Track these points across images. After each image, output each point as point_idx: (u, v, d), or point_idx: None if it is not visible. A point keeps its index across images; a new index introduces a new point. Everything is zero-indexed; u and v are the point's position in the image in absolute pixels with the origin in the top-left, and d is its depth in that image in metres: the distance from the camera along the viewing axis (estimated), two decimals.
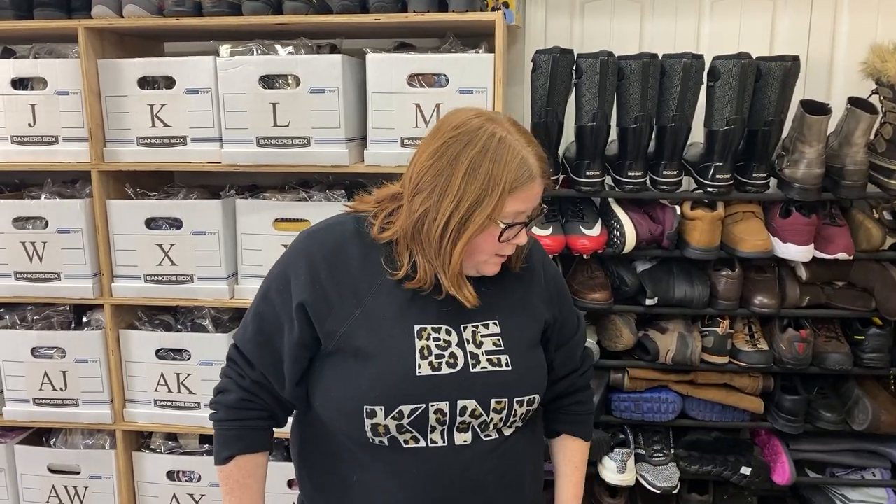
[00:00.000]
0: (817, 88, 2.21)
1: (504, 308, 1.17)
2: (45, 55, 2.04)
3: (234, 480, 1.19)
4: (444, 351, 1.11)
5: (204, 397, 2.07)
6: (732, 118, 1.86)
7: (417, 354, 1.09)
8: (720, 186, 1.94)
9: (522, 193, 1.07)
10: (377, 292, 1.12)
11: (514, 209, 1.08)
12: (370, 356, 1.09)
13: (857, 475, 2.12)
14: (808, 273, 2.02)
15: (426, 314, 1.12)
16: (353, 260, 1.13)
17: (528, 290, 1.22)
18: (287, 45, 1.96)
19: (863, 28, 2.17)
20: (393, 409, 1.08)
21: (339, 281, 1.12)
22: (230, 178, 2.20)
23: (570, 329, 1.28)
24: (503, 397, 1.12)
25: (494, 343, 1.14)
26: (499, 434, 1.15)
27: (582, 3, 2.27)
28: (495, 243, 1.10)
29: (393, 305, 1.12)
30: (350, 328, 1.11)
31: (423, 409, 1.08)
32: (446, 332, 1.12)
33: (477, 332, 1.14)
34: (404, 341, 1.10)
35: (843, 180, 1.89)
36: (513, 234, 1.11)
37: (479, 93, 1.85)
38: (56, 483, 2.20)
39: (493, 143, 1.06)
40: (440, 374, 1.09)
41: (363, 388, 1.09)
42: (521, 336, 1.17)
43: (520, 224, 1.11)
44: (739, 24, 2.22)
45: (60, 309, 2.16)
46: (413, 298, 1.13)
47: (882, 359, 1.99)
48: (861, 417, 2.00)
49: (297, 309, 1.11)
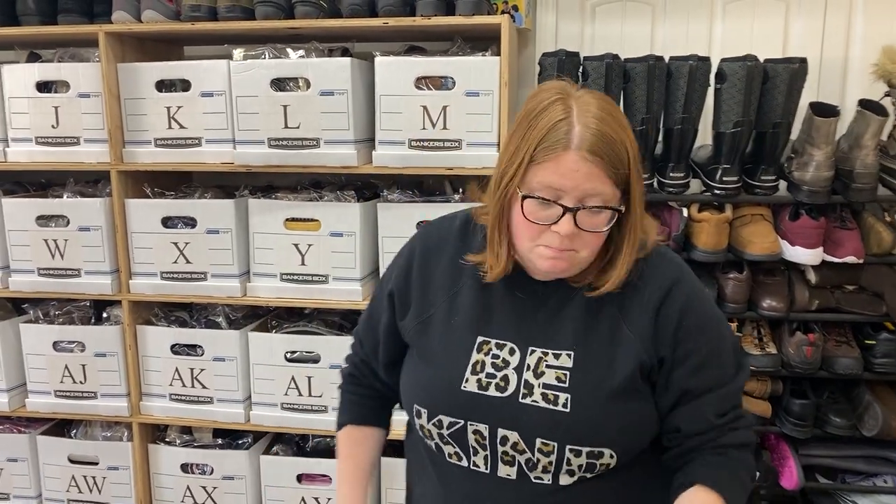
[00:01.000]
0: (831, 90, 2.19)
1: (589, 340, 1.03)
2: (69, 59, 2.11)
3: (343, 448, 1.24)
4: (497, 371, 1.04)
5: (217, 392, 2.12)
6: (739, 120, 1.85)
7: (469, 368, 1.04)
8: (728, 188, 1.93)
9: (551, 163, 0.95)
10: (458, 293, 1.10)
11: (542, 180, 0.96)
12: (430, 357, 1.09)
13: (868, 482, 2.09)
14: (817, 276, 2.00)
15: (496, 327, 1.07)
16: (444, 258, 1.12)
17: (628, 321, 1.04)
18: (298, 48, 2.00)
19: (878, 30, 2.14)
20: (434, 416, 1.05)
21: (426, 279, 1.12)
22: (246, 178, 2.25)
23: (701, 379, 1.04)
24: (551, 440, 1.00)
25: (558, 378, 1.02)
26: (553, 481, 1.02)
27: (593, 6, 2.28)
28: (529, 224, 0.99)
29: (469, 311, 1.08)
30: (421, 326, 1.11)
31: (461, 425, 1.03)
32: (510, 350, 1.05)
33: (543, 361, 1.03)
34: (462, 351, 1.06)
35: (853, 183, 1.87)
36: (543, 212, 0.97)
37: (485, 95, 1.87)
38: (76, 473, 2.27)
39: (539, 108, 0.97)
40: (485, 395, 1.03)
41: (416, 386, 1.10)
42: (598, 379, 1.02)
43: (548, 201, 0.96)
44: (752, 26, 2.21)
45: (81, 304, 2.23)
46: (491, 306, 1.08)
47: (893, 364, 1.96)
48: (871, 423, 1.97)
49: (388, 296, 1.16)
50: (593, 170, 0.95)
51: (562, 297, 1.06)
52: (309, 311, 2.24)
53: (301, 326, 2.16)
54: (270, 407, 2.11)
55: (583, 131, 0.95)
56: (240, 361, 2.10)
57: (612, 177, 0.96)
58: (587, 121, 0.95)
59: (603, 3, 2.27)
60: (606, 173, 0.96)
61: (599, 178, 0.96)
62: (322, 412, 2.08)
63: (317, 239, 2.02)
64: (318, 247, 2.02)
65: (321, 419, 2.08)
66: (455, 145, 1.90)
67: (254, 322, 2.20)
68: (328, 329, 2.16)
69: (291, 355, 2.08)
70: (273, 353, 2.08)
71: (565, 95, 0.98)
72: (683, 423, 1.04)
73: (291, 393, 2.08)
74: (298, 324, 2.17)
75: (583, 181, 0.95)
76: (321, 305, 2.08)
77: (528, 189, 0.98)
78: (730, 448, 1.04)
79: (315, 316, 2.22)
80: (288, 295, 2.06)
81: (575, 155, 0.94)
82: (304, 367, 2.07)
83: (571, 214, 0.96)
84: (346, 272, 2.01)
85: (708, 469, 1.04)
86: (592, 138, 0.94)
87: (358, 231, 1.99)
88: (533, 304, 1.07)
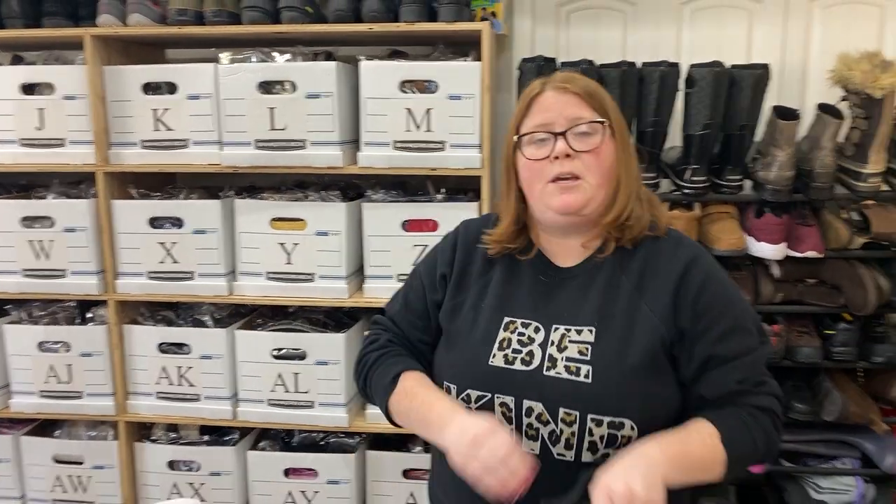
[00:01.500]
0: (791, 95, 2.31)
1: (608, 316, 1.12)
2: (53, 62, 2.13)
3: (405, 393, 1.18)
4: (523, 347, 1.12)
5: (204, 389, 2.16)
6: (708, 123, 1.95)
7: (496, 344, 1.14)
8: (697, 188, 2.03)
9: (535, 106, 1.15)
10: (489, 282, 1.21)
11: (531, 123, 1.15)
12: (459, 336, 1.19)
13: (828, 464, 2.21)
14: (781, 271, 2.12)
15: (522, 308, 1.16)
16: (480, 249, 1.24)
17: (645, 298, 1.12)
18: (284, 52, 2.05)
19: (834, 38, 2.27)
20: (462, 391, 1.13)
21: (465, 266, 1.24)
22: (229, 179, 2.29)
23: (724, 347, 1.09)
24: (573, 409, 1.06)
25: (580, 351, 1.10)
26: (575, 458, 1.07)
27: (567, 13, 2.37)
28: (533, 164, 1.14)
29: (497, 295, 1.19)
30: (454, 307, 1.21)
31: (488, 398, 1.11)
32: (534, 329, 1.14)
33: (566, 336, 1.11)
34: (489, 331, 1.15)
35: (813, 182, 1.99)
36: (541, 150, 1.13)
37: (467, 98, 1.94)
38: (60, 473, 2.28)
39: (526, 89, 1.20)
40: (511, 369, 1.11)
41: (445, 364, 1.19)
42: (618, 352, 1.09)
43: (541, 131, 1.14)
44: (718, 33, 2.32)
45: (66, 305, 2.24)
46: (517, 290, 1.18)
47: (850, 352, 2.08)
48: (831, 409, 2.09)
49: (441, 278, 1.25)
50: (569, 98, 1.14)
51: (583, 279, 1.16)
52: (293, 310, 2.29)
53: (286, 324, 2.20)
54: (257, 403, 2.15)
55: (554, 77, 1.18)
56: (227, 359, 2.14)
57: (587, 101, 1.15)
58: (557, 74, 1.19)
59: (577, 10, 2.36)
60: (582, 99, 1.14)
61: (577, 104, 1.14)
62: (308, 408, 2.12)
63: (303, 238, 2.07)
64: (304, 246, 2.07)
65: (308, 414, 2.13)
66: (439, 147, 1.97)
67: (239, 321, 2.24)
68: (312, 326, 2.20)
69: (278, 352, 2.13)
70: (260, 351, 2.12)
71: (547, 78, 1.20)
72: (706, 389, 1.10)
73: (278, 389, 2.13)
74: (283, 322, 2.22)
75: (563, 108, 1.14)
76: (307, 303, 2.13)
77: (525, 139, 1.16)
78: (747, 406, 1.09)
79: (299, 314, 2.27)
80: (274, 293, 2.10)
81: (550, 90, 1.16)
82: (291, 363, 2.11)
83: (563, 137, 1.12)
84: (332, 270, 2.07)
85: (714, 411, 1.08)
86: (562, 77, 1.17)
87: (344, 230, 2.05)
88: (556, 286, 1.17)
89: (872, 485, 2.20)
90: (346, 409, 2.11)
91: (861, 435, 2.16)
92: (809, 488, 2.21)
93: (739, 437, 1.06)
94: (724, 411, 1.08)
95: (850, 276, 2.06)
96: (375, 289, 2.07)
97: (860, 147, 1.98)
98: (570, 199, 1.13)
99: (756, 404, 1.10)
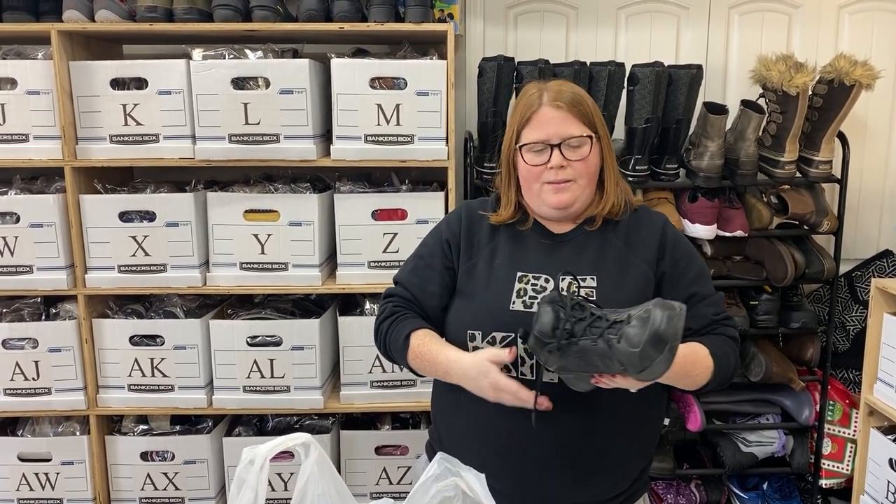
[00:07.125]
0: (715, 91, 2.57)
1: (605, 267, 1.36)
2: (13, 56, 2.11)
3: (415, 353, 1.38)
4: (538, 294, 1.34)
5: (178, 379, 2.20)
6: (649, 117, 2.17)
7: (514, 293, 1.35)
8: (639, 176, 2.25)
9: (533, 121, 1.36)
10: (497, 245, 1.42)
11: (531, 136, 1.36)
12: (478, 291, 1.39)
13: (754, 421, 2.49)
14: (712, 249, 2.37)
15: (531, 263, 1.38)
16: (484, 220, 1.46)
17: (634, 252, 1.38)
18: (256, 49, 2.12)
19: (750, 41, 2.55)
20: (487, 335, 1.34)
21: (471, 234, 1.45)
22: (194, 173, 2.32)
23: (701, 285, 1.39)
24: None
25: (587, 294, 1.32)
26: None
27: (515, 15, 2.54)
28: (531, 169, 1.37)
29: (507, 255, 1.40)
30: (468, 268, 1.42)
31: (512, 337, 1.31)
32: (545, 280, 1.36)
33: (573, 283, 1.32)
34: (506, 283, 1.36)
35: (739, 170, 2.25)
36: (538, 157, 1.36)
37: (433, 94, 2.08)
38: (27, 471, 2.26)
39: (523, 95, 1.41)
40: (530, 312, 1.29)
41: (467, 317, 1.38)
42: (618, 292, 1.33)
43: (540, 143, 1.35)
44: (650, 35, 2.55)
45: (31, 301, 2.23)
46: (524, 250, 1.40)
47: (772, 320, 2.36)
48: (756, 370, 2.36)
49: (445, 243, 1.46)
50: (563, 115, 1.35)
51: (578, 241, 1.41)
52: (260, 300, 2.36)
53: (256, 313, 2.27)
54: (232, 391, 2.21)
55: (549, 92, 1.38)
56: (201, 349, 2.19)
57: (578, 117, 1.36)
58: (551, 86, 1.39)
59: (524, 13, 2.53)
60: (574, 115, 1.36)
61: (570, 120, 1.36)
62: (285, 392, 2.20)
63: (276, 229, 2.14)
64: (277, 236, 2.15)
65: (284, 398, 2.21)
66: (408, 140, 2.09)
67: (210, 311, 2.28)
68: (280, 315, 2.28)
69: (253, 340, 2.19)
70: (235, 339, 2.18)
71: (541, 84, 1.41)
72: (692, 321, 1.32)
73: (254, 376, 2.20)
74: (253, 311, 2.28)
75: (558, 125, 1.35)
76: (282, 291, 2.21)
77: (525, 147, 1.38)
78: (722, 336, 1.37)
79: (267, 304, 2.34)
80: (248, 283, 2.17)
81: (546, 107, 1.36)
82: (266, 350, 2.19)
83: (557, 149, 1.35)
84: (306, 259, 2.16)
85: (699, 337, 1.35)
86: (556, 94, 1.37)
87: (316, 220, 2.14)
88: (556, 247, 1.42)
89: (791, 436, 2.50)
90: (322, 392, 2.21)
91: (781, 393, 2.45)
92: (739, 443, 2.48)
93: (722, 354, 1.34)
94: (708, 337, 1.36)
95: (771, 253, 2.33)
96: (348, 275, 2.18)
97: (777, 138, 2.25)
98: (563, 198, 1.38)
99: (727, 334, 1.39)
